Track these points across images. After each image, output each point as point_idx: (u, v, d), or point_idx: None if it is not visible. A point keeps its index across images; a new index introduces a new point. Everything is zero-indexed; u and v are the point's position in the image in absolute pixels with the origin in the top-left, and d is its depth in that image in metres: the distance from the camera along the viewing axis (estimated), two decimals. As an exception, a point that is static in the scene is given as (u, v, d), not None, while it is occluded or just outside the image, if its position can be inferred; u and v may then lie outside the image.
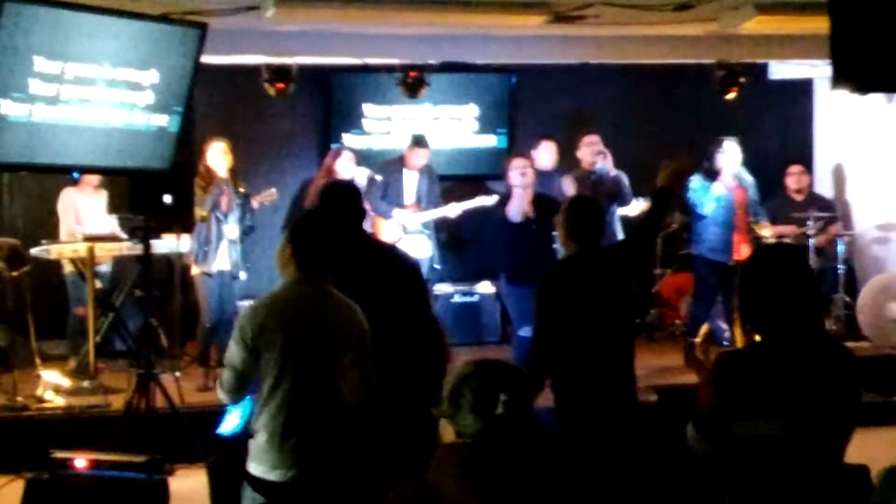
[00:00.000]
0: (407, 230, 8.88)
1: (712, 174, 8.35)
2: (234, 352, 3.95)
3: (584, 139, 8.79)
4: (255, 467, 3.95)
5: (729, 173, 8.34)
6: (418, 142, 8.99)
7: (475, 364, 2.56)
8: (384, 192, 8.84)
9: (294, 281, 4.00)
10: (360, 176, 8.61)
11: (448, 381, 2.55)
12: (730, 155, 8.35)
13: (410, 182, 9.00)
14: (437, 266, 9.14)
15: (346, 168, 8.60)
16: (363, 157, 9.20)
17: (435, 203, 9.01)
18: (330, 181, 6.39)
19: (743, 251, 8.36)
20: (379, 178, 8.78)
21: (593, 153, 8.67)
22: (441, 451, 2.47)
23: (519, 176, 7.77)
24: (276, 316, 3.92)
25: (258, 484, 3.94)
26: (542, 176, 8.45)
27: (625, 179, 8.60)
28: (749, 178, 8.59)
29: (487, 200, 8.95)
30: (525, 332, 7.67)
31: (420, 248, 8.81)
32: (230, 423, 4.24)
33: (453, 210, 8.98)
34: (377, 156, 9.60)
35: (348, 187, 5.17)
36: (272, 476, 3.91)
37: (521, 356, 7.70)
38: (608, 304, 5.02)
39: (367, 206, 8.15)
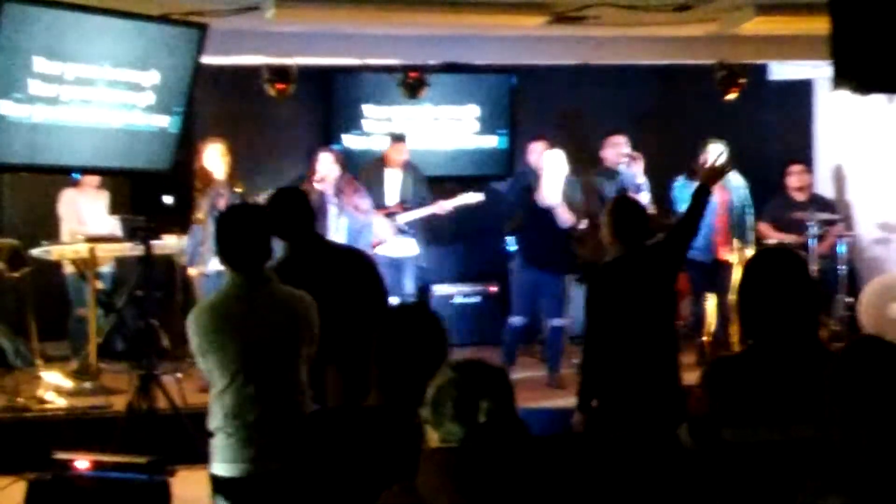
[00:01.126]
0: (399, 231, 8.83)
1: (695, 174, 8.41)
2: (196, 359, 4.08)
3: (609, 139, 8.81)
4: (216, 467, 3.99)
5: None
6: (397, 137, 9.02)
7: (454, 369, 2.48)
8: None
9: (230, 282, 4.05)
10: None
11: (429, 386, 2.50)
12: (712, 156, 8.38)
13: (393, 182, 8.94)
14: (423, 265, 9.15)
15: (325, 168, 8.51)
16: (363, 158, 9.19)
17: (422, 203, 8.93)
18: (278, 188, 6.42)
19: (723, 252, 8.43)
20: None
21: (618, 154, 8.68)
22: (426, 456, 2.44)
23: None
24: (211, 320, 3.97)
25: (220, 484, 3.96)
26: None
27: (645, 191, 8.62)
28: (738, 182, 8.59)
29: (472, 198, 8.94)
30: (516, 320, 8.03)
31: (406, 248, 8.81)
32: None
33: (442, 208, 8.95)
34: (376, 156, 9.58)
35: (294, 191, 5.25)
36: (232, 472, 3.93)
37: (509, 343, 8.09)
38: (655, 302, 5.10)
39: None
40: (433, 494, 2.37)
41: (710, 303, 8.58)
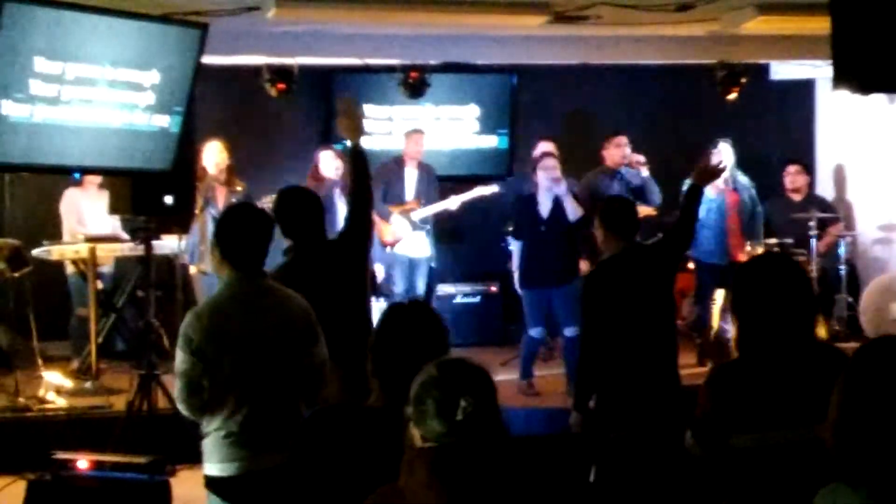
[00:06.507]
0: (416, 226, 8.83)
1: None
2: (181, 360, 3.90)
3: (612, 139, 8.77)
4: (211, 467, 3.97)
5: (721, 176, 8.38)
6: (414, 130, 9.05)
7: (437, 368, 2.49)
8: (385, 194, 8.77)
9: (230, 282, 4.00)
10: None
11: (413, 384, 2.50)
12: (722, 157, 8.36)
13: (410, 180, 8.97)
14: (433, 265, 9.13)
15: (329, 167, 8.53)
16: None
17: (434, 202, 8.97)
18: (286, 187, 6.41)
19: (738, 253, 8.40)
20: None
21: (622, 154, 8.67)
22: (408, 456, 2.44)
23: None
24: (217, 320, 3.92)
25: (214, 484, 3.95)
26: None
27: (652, 185, 8.63)
28: (745, 181, 8.59)
29: (486, 190, 8.94)
30: (536, 332, 7.83)
31: (420, 246, 8.80)
32: None
33: (454, 203, 8.96)
34: (378, 156, 9.56)
35: (301, 190, 5.22)
36: (226, 471, 3.91)
37: (526, 357, 7.94)
38: (653, 300, 5.09)
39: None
40: (415, 494, 2.37)
41: (717, 303, 8.54)
